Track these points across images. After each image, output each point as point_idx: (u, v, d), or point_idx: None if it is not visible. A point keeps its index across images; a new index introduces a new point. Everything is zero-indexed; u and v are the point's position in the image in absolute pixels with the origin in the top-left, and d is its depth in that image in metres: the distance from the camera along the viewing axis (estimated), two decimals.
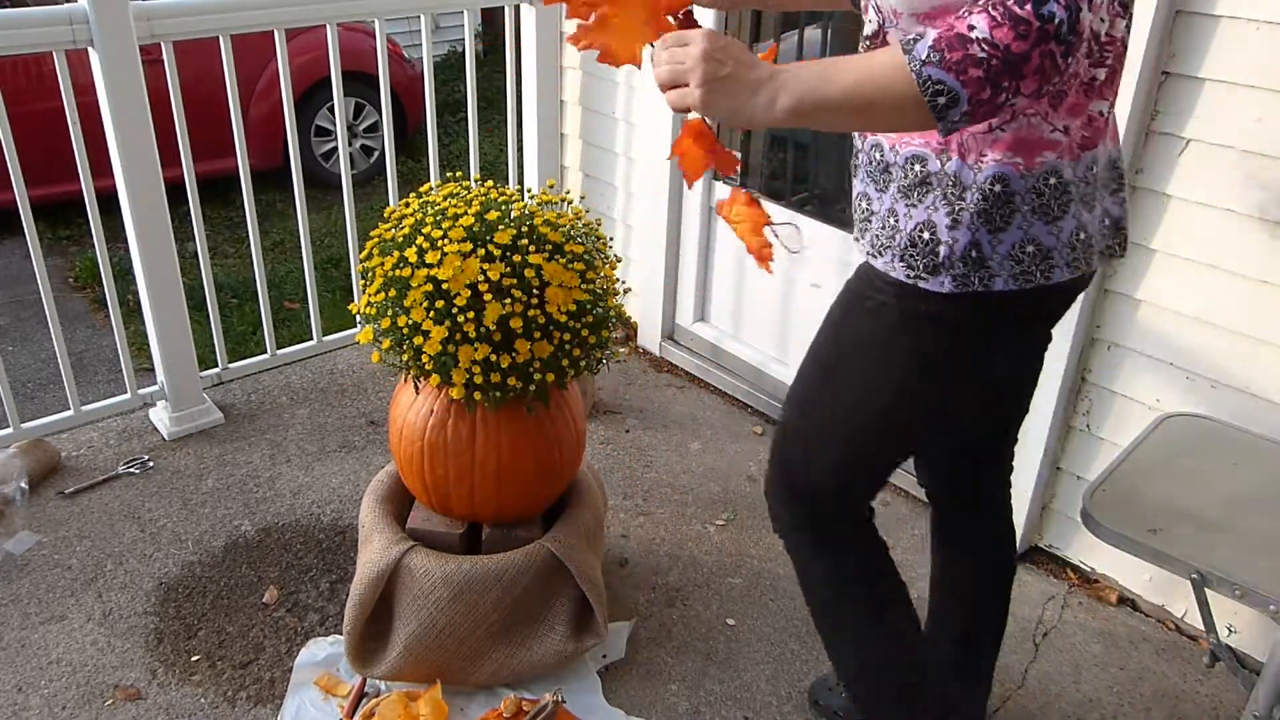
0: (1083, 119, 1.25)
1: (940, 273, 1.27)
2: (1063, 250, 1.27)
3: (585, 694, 1.93)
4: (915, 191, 1.29)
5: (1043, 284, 1.28)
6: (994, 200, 1.24)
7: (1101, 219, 1.34)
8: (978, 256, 1.26)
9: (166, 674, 1.97)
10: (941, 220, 1.26)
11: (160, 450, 2.65)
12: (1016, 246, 1.26)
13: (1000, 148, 1.23)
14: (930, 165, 1.28)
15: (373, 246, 1.82)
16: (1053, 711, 1.96)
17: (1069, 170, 1.25)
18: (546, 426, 1.87)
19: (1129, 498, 1.60)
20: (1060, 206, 1.26)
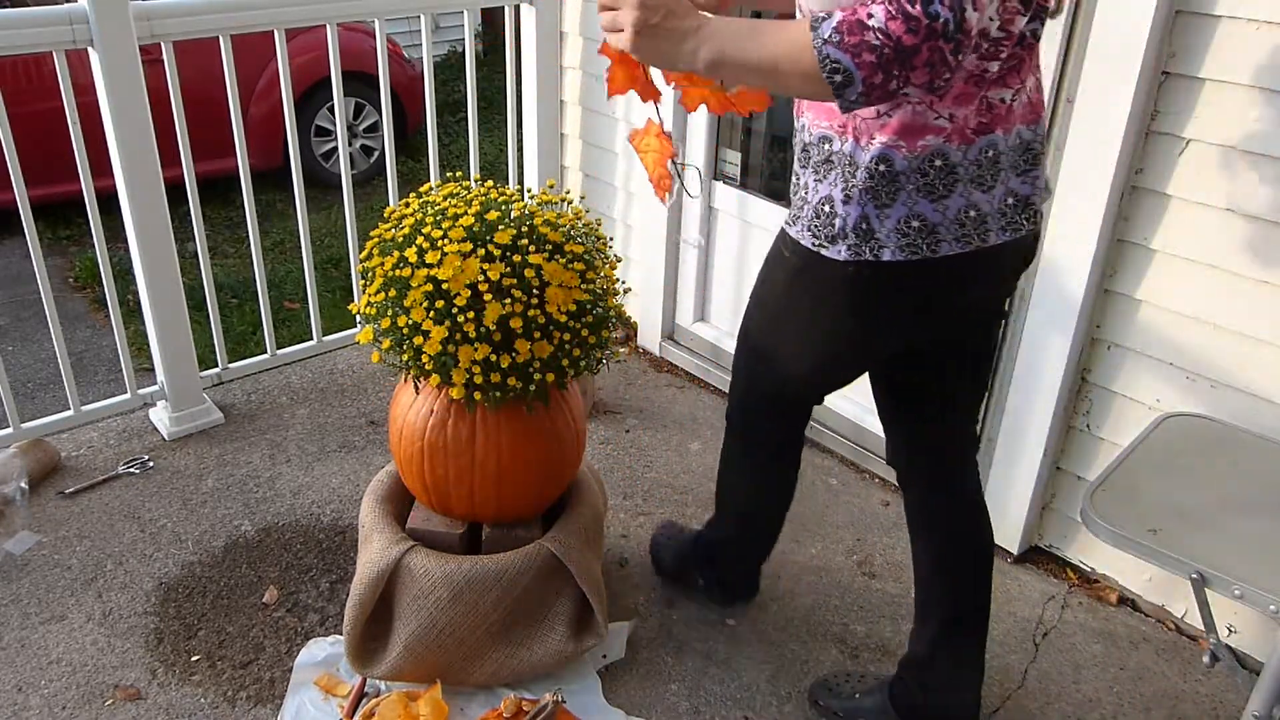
0: (974, 107, 1.35)
1: (838, 242, 1.44)
2: (950, 226, 1.40)
3: (585, 694, 1.93)
4: (822, 169, 1.45)
5: (930, 256, 1.41)
6: (879, 178, 1.38)
7: (1004, 198, 1.43)
8: (867, 229, 1.41)
9: (166, 674, 1.97)
10: (838, 195, 1.43)
11: (160, 450, 2.65)
12: (902, 221, 1.39)
13: (887, 131, 1.36)
14: (834, 145, 1.43)
15: (373, 246, 1.82)
16: (1053, 711, 1.96)
17: (957, 154, 1.37)
18: (546, 426, 1.87)
19: (1129, 498, 1.60)
20: (946, 186, 1.38)
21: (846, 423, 2.69)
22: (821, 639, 2.11)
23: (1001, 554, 2.37)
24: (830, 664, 2.05)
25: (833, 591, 2.24)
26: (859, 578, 2.29)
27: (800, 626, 2.14)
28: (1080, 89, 1.96)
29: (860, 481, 2.63)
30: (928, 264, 1.41)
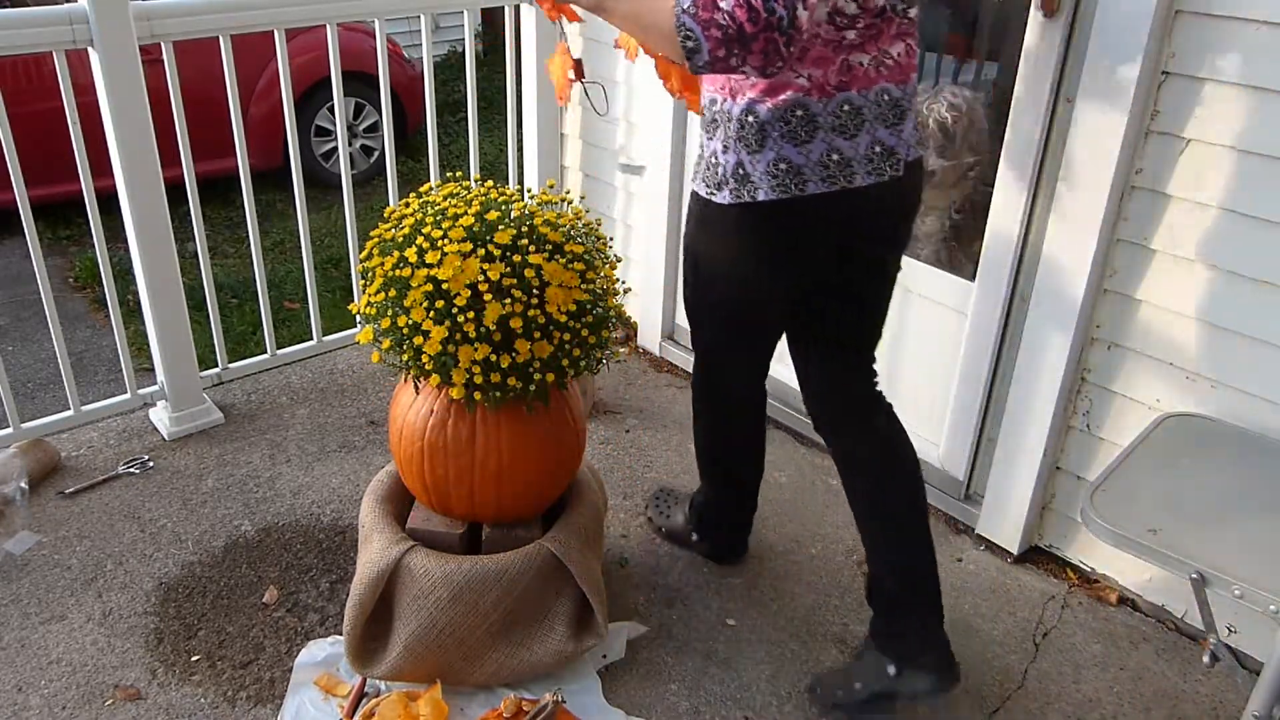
0: (834, 68, 1.58)
1: (723, 188, 1.67)
2: (814, 168, 1.61)
3: (585, 694, 1.93)
4: (711, 127, 1.69)
5: (798, 195, 1.62)
6: (748, 128, 1.61)
7: (870, 146, 1.64)
8: (743, 173, 1.64)
9: (166, 674, 1.97)
10: (719, 147, 1.67)
11: (160, 450, 2.65)
12: (771, 164, 1.61)
13: (756, 89, 1.60)
14: (718, 105, 1.66)
15: (373, 246, 1.82)
16: (1053, 711, 1.96)
17: (817, 106, 1.59)
18: (546, 426, 1.87)
19: (1129, 498, 1.60)
20: (808, 133, 1.60)
21: None
22: (821, 639, 2.11)
23: (1001, 554, 2.37)
24: (830, 663, 2.05)
25: (833, 591, 2.24)
26: (859, 578, 2.29)
27: (800, 626, 2.14)
28: (1080, 89, 1.96)
29: None
30: (798, 201, 1.62)
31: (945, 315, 2.41)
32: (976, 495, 2.45)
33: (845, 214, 1.67)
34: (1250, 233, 1.84)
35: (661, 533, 2.37)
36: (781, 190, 1.61)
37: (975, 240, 2.32)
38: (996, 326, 2.26)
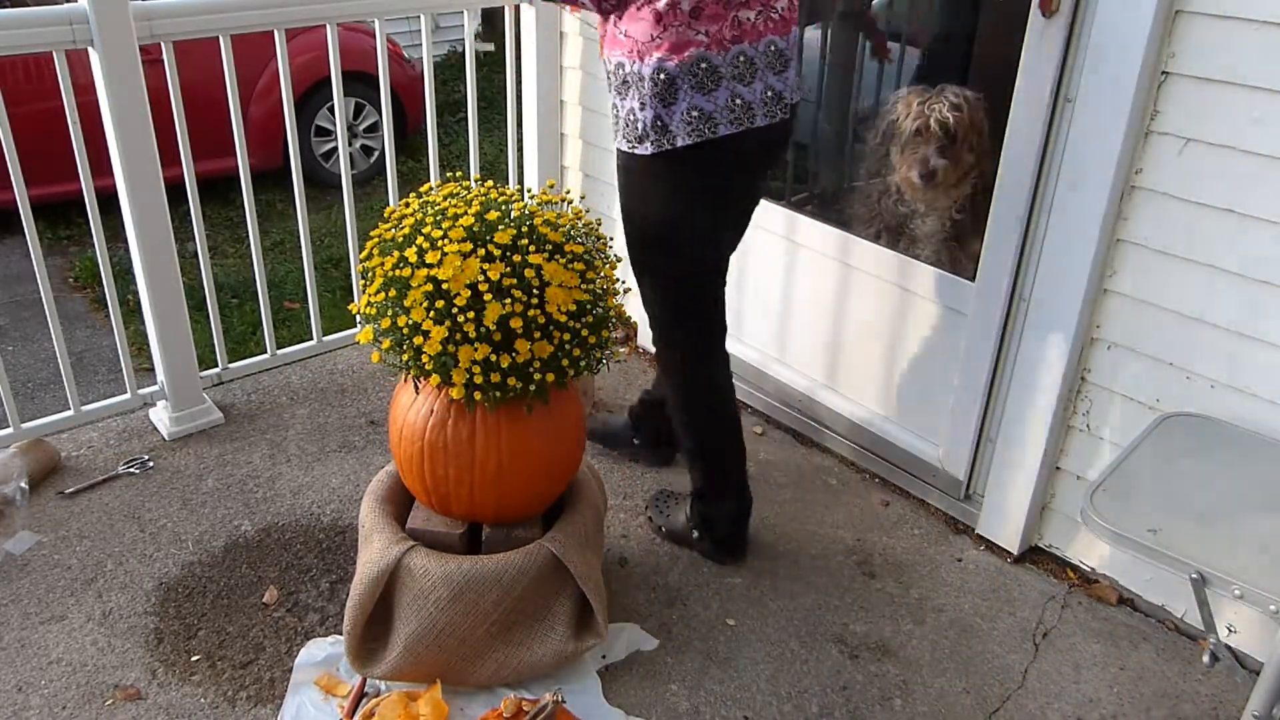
0: (724, 24, 1.82)
1: (644, 141, 1.88)
2: (722, 113, 1.85)
3: (585, 694, 1.93)
4: (623, 89, 1.90)
5: (711, 137, 1.86)
6: (661, 84, 1.83)
7: (764, 91, 1.89)
8: (662, 125, 1.86)
9: (166, 674, 1.97)
10: (636, 105, 1.87)
11: (160, 450, 2.65)
12: (685, 113, 1.84)
13: (661, 49, 1.82)
14: (627, 68, 1.87)
15: (373, 246, 1.82)
16: (1053, 711, 1.96)
17: (718, 59, 1.83)
18: (546, 426, 1.87)
19: (1129, 498, 1.60)
20: (713, 83, 1.83)
21: (846, 423, 2.69)
22: (821, 639, 2.11)
23: (1001, 554, 2.37)
24: (830, 664, 2.05)
25: (833, 591, 2.25)
26: (859, 578, 2.29)
27: (800, 626, 2.14)
28: (1080, 89, 1.96)
29: (860, 481, 2.63)
30: (710, 143, 1.86)
31: (945, 315, 2.41)
32: (976, 495, 2.45)
33: (750, 150, 1.94)
34: (1250, 233, 1.84)
35: (662, 533, 2.38)
36: (697, 135, 1.85)
37: (975, 240, 2.32)
38: (996, 326, 2.26)
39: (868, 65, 2.86)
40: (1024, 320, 2.19)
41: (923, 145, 2.41)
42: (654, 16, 1.81)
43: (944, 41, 2.79)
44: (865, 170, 2.63)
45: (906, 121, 2.43)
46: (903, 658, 2.07)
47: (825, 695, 1.98)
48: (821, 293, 2.70)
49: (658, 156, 1.88)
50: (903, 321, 2.52)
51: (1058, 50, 1.99)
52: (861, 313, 2.61)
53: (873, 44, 2.78)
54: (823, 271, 2.68)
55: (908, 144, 2.44)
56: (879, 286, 2.55)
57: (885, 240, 2.56)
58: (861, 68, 2.87)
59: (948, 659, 2.07)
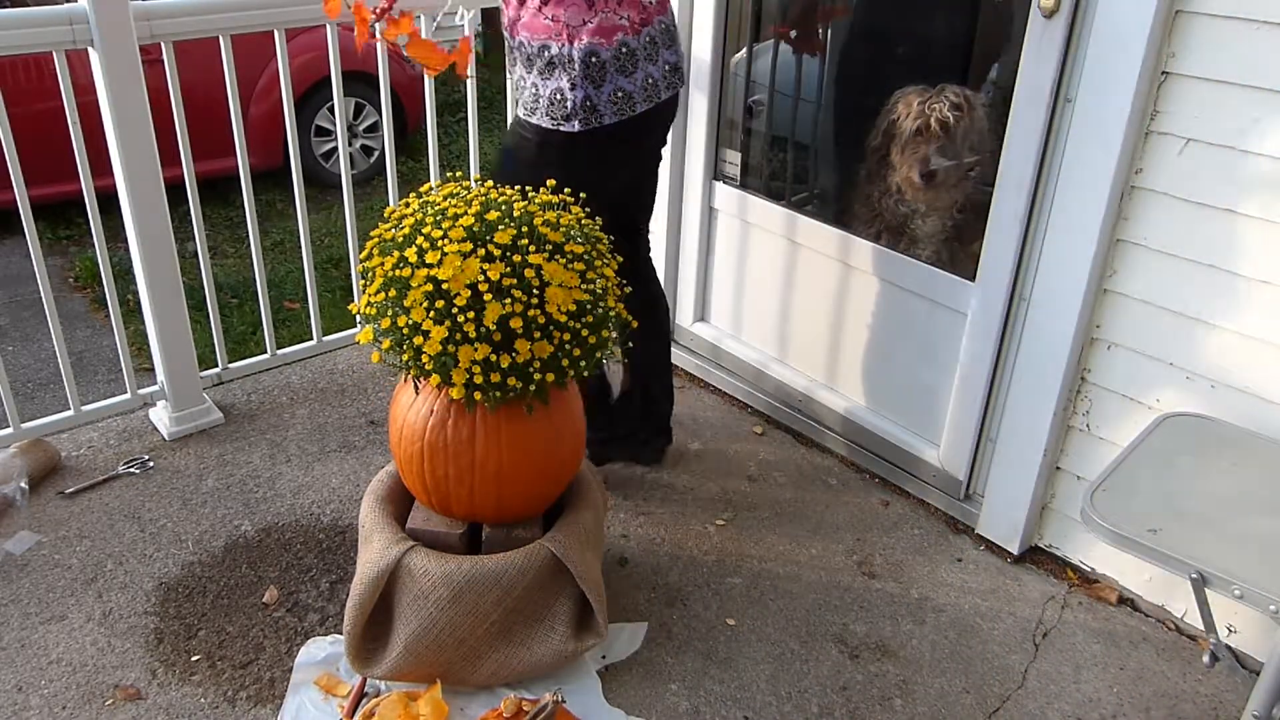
0: (637, 9, 2.04)
1: (571, 119, 2.05)
2: (639, 92, 2.07)
3: (585, 694, 1.93)
4: (547, 70, 2.04)
5: (631, 115, 2.07)
6: (593, 66, 2.01)
7: (663, 66, 2.11)
8: (591, 105, 2.04)
9: (166, 674, 1.97)
10: (565, 85, 2.03)
11: (160, 450, 2.65)
12: (611, 94, 2.04)
13: (589, 33, 1.99)
14: (553, 50, 2.02)
15: (373, 246, 1.82)
16: (1053, 711, 1.96)
17: (634, 42, 2.04)
18: (546, 426, 1.87)
19: (1129, 498, 1.60)
20: (632, 65, 2.05)
21: (846, 423, 2.69)
22: (821, 639, 2.11)
23: (1001, 554, 2.37)
24: (830, 664, 2.05)
25: (833, 591, 2.25)
26: (859, 578, 2.29)
27: (800, 626, 2.14)
28: (1080, 89, 1.96)
29: (860, 481, 2.63)
30: (631, 119, 2.08)
31: (945, 315, 2.41)
32: (976, 495, 2.45)
33: (658, 121, 2.18)
34: (1250, 233, 1.84)
35: None
36: (620, 114, 2.06)
37: (975, 240, 2.32)
38: (996, 326, 2.26)
39: (868, 65, 2.86)
40: (1024, 320, 2.19)
41: (923, 145, 2.41)
42: (586, 2, 1.99)
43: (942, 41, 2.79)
44: (865, 170, 2.63)
45: (906, 121, 2.43)
46: (903, 658, 2.07)
47: (825, 695, 1.98)
48: (821, 293, 2.71)
49: (584, 133, 2.05)
50: (903, 321, 2.52)
51: (1058, 50, 1.99)
52: (861, 313, 2.61)
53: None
54: (823, 271, 2.68)
55: (908, 144, 2.44)
56: (879, 286, 2.55)
57: (885, 240, 2.56)
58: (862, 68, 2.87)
59: (948, 659, 2.07)
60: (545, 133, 2.09)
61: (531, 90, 2.08)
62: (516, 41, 2.09)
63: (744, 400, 2.95)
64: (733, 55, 2.82)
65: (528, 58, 2.07)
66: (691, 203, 2.96)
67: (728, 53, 2.79)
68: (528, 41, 2.05)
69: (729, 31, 2.76)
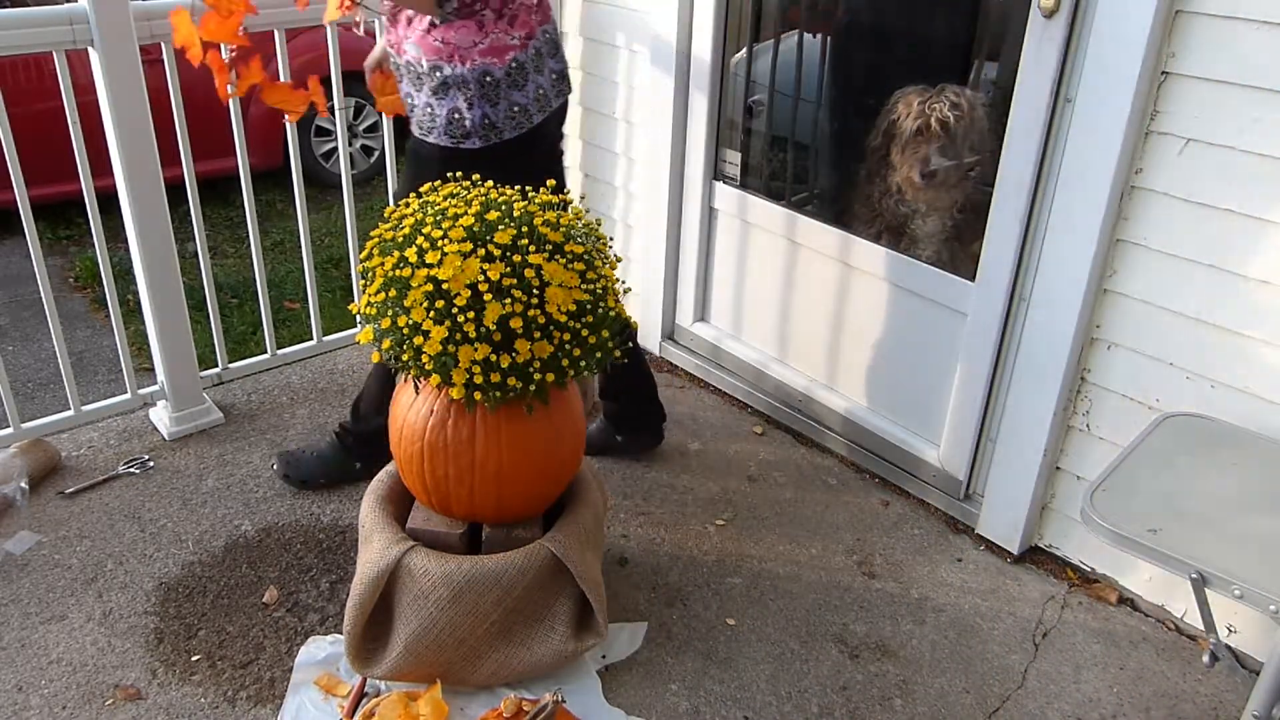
0: (525, 26, 2.08)
1: (471, 138, 2.10)
2: (533, 104, 2.12)
3: (585, 694, 1.93)
4: (441, 90, 2.07)
5: (530, 126, 2.13)
6: (488, 86, 2.06)
7: (550, 75, 2.16)
8: (490, 123, 2.09)
9: (166, 674, 1.97)
10: (463, 105, 2.07)
11: (160, 450, 2.65)
12: (507, 110, 2.09)
13: (481, 54, 2.04)
14: (445, 71, 2.05)
15: (373, 246, 1.82)
16: (1053, 711, 1.96)
17: (523, 56, 2.09)
18: (546, 426, 1.87)
19: (1129, 498, 1.60)
20: (523, 79, 2.09)
21: (846, 423, 2.69)
22: (821, 639, 2.11)
23: (1001, 554, 2.37)
24: (830, 664, 2.05)
25: (833, 591, 2.25)
26: (859, 578, 2.29)
27: (800, 626, 2.14)
28: (1080, 89, 1.96)
29: (860, 481, 2.63)
30: (529, 131, 2.13)
31: (945, 315, 2.41)
32: (976, 495, 2.45)
33: (553, 127, 2.24)
34: (1250, 233, 1.84)
35: (306, 481, 2.52)
36: (518, 128, 2.11)
37: (975, 240, 2.32)
38: (996, 326, 2.26)
39: (868, 65, 2.86)
40: (1024, 320, 2.19)
41: (923, 145, 2.41)
42: (476, 25, 2.02)
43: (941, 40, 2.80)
44: (865, 170, 2.63)
45: (907, 121, 2.43)
46: (903, 658, 2.07)
47: (825, 695, 1.98)
48: (821, 293, 2.71)
49: (484, 149, 2.10)
50: (903, 321, 2.52)
51: (1058, 50, 1.99)
52: (861, 313, 2.61)
53: None
54: (823, 271, 2.68)
55: (908, 143, 2.44)
56: (879, 286, 2.55)
57: (886, 240, 2.56)
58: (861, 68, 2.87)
59: (948, 659, 2.07)
60: (446, 151, 2.11)
61: (425, 110, 2.11)
62: (404, 60, 2.11)
63: (744, 400, 2.95)
64: (733, 55, 2.82)
65: (417, 76, 2.09)
66: (691, 203, 2.96)
67: (728, 53, 2.79)
68: (416, 61, 2.07)
69: (729, 31, 2.76)
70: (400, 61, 2.12)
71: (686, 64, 2.80)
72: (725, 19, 2.73)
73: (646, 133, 2.97)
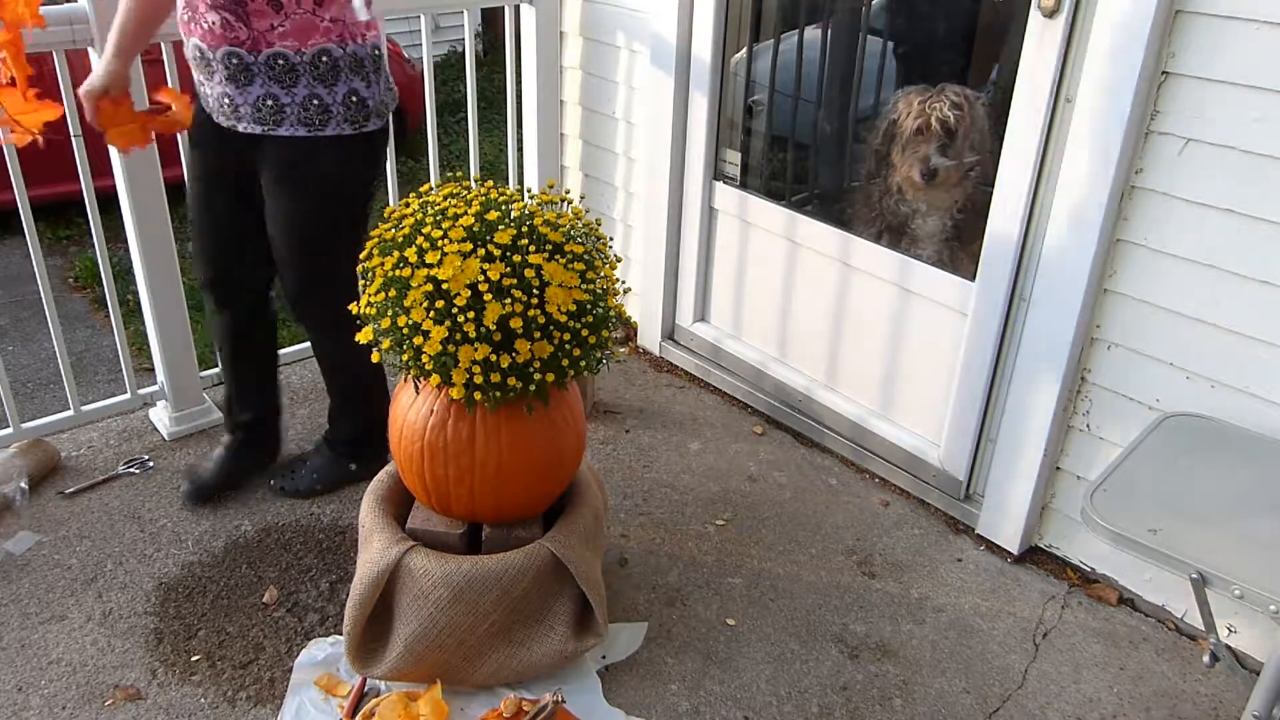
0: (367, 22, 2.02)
1: (372, 117, 2.03)
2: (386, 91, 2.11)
3: (585, 694, 1.93)
4: (330, 75, 1.97)
5: (396, 102, 2.15)
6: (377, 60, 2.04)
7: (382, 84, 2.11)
8: (381, 100, 2.06)
9: (166, 674, 1.97)
10: (360, 85, 2.00)
11: (160, 450, 2.65)
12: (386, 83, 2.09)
13: (370, 27, 2.00)
14: (336, 54, 1.95)
15: (373, 246, 1.82)
16: (1053, 711, 1.96)
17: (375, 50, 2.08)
18: (546, 426, 1.87)
19: (1129, 498, 1.60)
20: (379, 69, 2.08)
21: (846, 423, 2.69)
22: (821, 639, 2.11)
23: (1001, 554, 2.37)
24: (830, 664, 2.05)
25: (833, 591, 2.25)
26: (859, 578, 2.29)
27: (800, 626, 2.14)
28: (1080, 89, 1.96)
29: (860, 481, 2.63)
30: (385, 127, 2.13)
31: (945, 315, 2.41)
32: (976, 495, 2.45)
33: None
34: (1250, 233, 1.84)
35: (300, 493, 2.47)
36: (395, 100, 2.14)
37: (975, 240, 2.32)
38: (996, 326, 2.26)
39: (868, 65, 2.86)
40: (1024, 320, 2.19)
41: (923, 144, 2.42)
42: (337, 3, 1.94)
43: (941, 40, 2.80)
44: (865, 170, 2.64)
45: (907, 120, 2.43)
46: (903, 658, 2.07)
47: (825, 695, 1.98)
48: (821, 293, 2.71)
49: (379, 130, 2.04)
50: (903, 321, 2.52)
51: (1058, 50, 1.99)
52: (861, 313, 2.61)
53: None
54: (823, 271, 2.68)
55: (908, 143, 2.44)
56: (879, 286, 2.55)
57: (886, 240, 2.56)
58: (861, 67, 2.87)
59: (948, 659, 2.07)
60: (346, 144, 2.01)
61: (303, 104, 1.97)
62: (266, 56, 1.94)
63: (744, 400, 2.95)
64: (733, 55, 2.82)
65: (291, 69, 1.95)
66: (691, 203, 2.96)
67: (728, 53, 2.79)
68: (293, 52, 1.94)
69: (729, 31, 2.76)
70: (258, 60, 1.94)
71: (686, 64, 2.80)
72: (725, 19, 2.73)
73: (646, 133, 2.97)
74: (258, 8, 1.91)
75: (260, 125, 2.01)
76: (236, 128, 2.04)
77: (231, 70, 1.97)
